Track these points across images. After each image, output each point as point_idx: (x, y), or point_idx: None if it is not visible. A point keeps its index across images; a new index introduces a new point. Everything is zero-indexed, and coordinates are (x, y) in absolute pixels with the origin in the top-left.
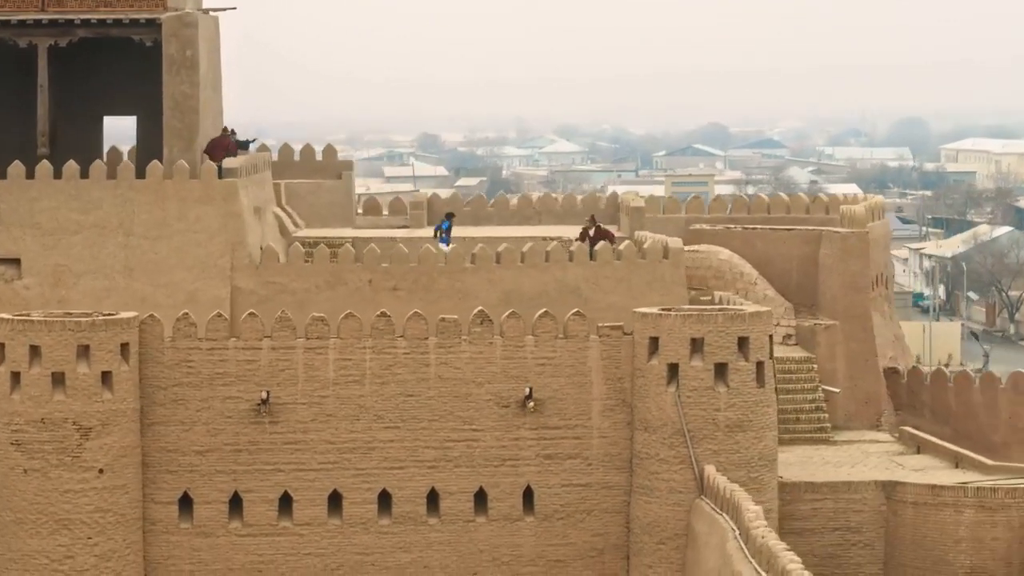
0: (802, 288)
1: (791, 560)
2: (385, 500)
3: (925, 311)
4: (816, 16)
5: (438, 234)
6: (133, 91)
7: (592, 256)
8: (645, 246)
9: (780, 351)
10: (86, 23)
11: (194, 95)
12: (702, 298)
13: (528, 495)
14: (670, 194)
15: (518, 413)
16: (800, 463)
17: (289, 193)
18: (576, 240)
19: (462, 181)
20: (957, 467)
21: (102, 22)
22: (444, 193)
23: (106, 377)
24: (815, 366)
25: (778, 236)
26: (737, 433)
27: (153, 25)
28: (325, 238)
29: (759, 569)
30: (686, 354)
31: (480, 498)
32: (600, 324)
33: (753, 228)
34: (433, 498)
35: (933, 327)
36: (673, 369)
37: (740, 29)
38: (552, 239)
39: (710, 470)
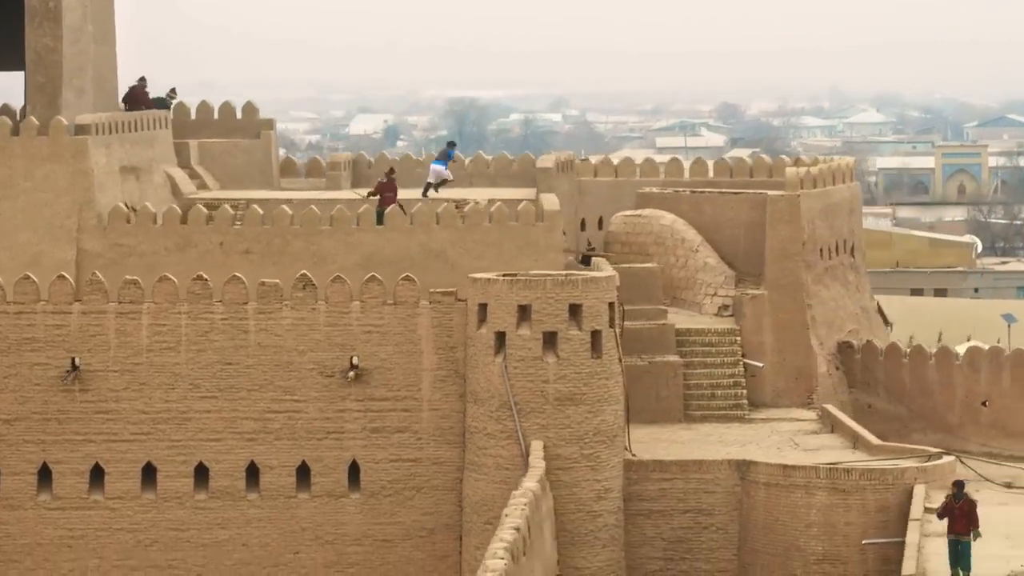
0: (750, 256)
1: (499, 539)
2: (202, 473)
3: None
4: None
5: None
6: (21, 45)
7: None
8: (519, 208)
9: (710, 322)
10: None
11: (57, 48)
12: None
13: (354, 470)
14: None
15: (343, 383)
16: (691, 442)
17: (203, 152)
18: (368, 194)
19: (734, 152)
20: (854, 448)
21: None
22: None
23: None
24: (738, 339)
25: (726, 200)
26: (568, 407)
27: None
28: (220, 199)
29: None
30: (513, 322)
31: (302, 473)
32: (432, 290)
33: (701, 192)
34: (253, 472)
35: None
36: (501, 338)
37: None
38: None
39: (536, 446)
